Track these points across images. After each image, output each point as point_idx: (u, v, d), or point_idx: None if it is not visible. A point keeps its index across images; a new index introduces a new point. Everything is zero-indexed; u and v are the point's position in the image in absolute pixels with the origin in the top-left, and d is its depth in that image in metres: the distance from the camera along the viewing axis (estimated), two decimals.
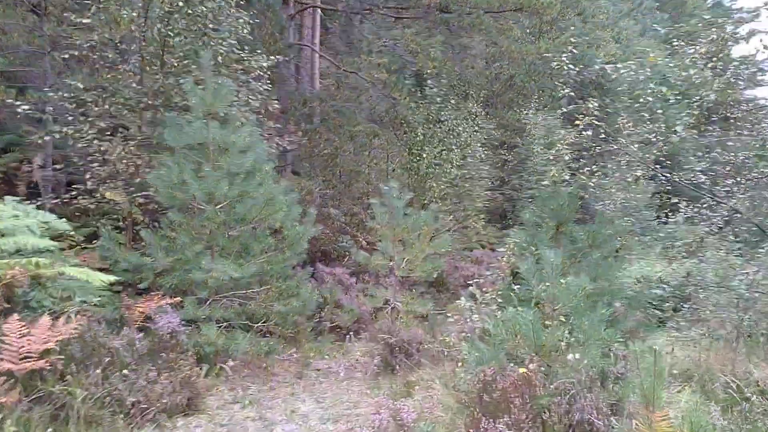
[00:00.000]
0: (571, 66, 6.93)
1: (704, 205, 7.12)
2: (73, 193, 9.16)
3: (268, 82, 10.37)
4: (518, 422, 4.41)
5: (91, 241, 9.26)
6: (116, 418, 5.25)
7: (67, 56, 8.86)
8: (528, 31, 21.91)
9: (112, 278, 5.66)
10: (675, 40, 7.48)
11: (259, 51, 9.84)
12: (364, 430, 4.42)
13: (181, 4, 8.70)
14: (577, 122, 7.16)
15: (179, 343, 6.37)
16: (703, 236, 7.33)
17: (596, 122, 7.00)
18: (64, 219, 6.96)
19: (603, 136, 6.99)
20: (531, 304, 6.17)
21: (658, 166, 7.05)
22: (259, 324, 7.99)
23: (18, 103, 8.47)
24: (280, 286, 8.34)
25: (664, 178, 7.11)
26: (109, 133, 9.36)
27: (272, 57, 9.76)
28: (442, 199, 14.82)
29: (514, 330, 5.25)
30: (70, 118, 8.82)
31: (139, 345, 6.04)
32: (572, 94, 7.01)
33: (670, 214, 15.31)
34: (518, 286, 6.45)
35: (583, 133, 7.17)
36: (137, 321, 6.78)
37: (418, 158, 14.48)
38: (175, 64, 9.00)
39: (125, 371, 5.64)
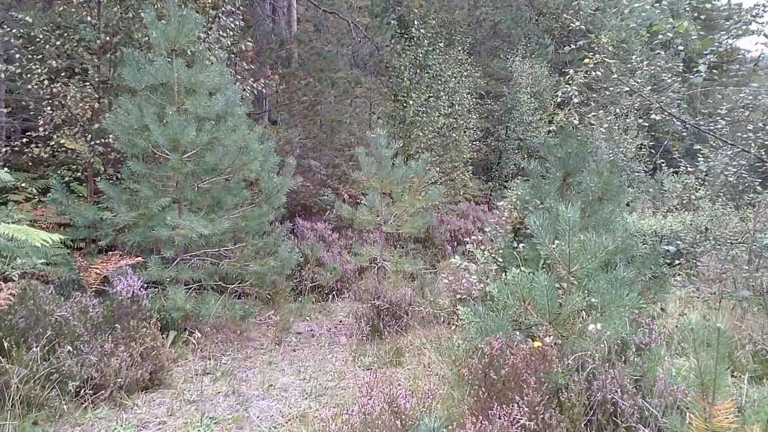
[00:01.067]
0: None
1: (726, 153, 6.41)
2: (25, 140, 8.28)
3: (241, 19, 9.43)
4: (533, 405, 3.77)
5: (46, 195, 8.45)
6: (63, 399, 4.54)
7: None
8: None
9: (56, 237, 4.86)
10: None
11: None
12: (354, 416, 3.77)
13: None
14: (587, 60, 6.39)
15: (141, 309, 5.63)
16: (721, 186, 6.65)
17: (607, 59, 6.23)
18: (6, 169, 6.10)
19: (615, 76, 6.21)
20: (538, 264, 5.52)
21: (675, 110, 6.33)
22: (234, 285, 7.30)
23: None
24: (257, 244, 7.63)
25: (679, 123, 6.39)
26: (64, 74, 8.44)
27: None
28: (428, 150, 14.05)
29: (521, 295, 4.59)
30: (17, 56, 7.88)
31: (93, 312, 5.30)
32: (583, 27, 6.21)
33: (664, 166, 14.68)
34: (522, 244, 5.77)
35: (593, 72, 6.41)
36: (93, 284, 6.02)
37: (404, 105, 13.63)
38: None
39: (76, 344, 4.92)
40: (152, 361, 5.33)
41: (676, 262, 7.07)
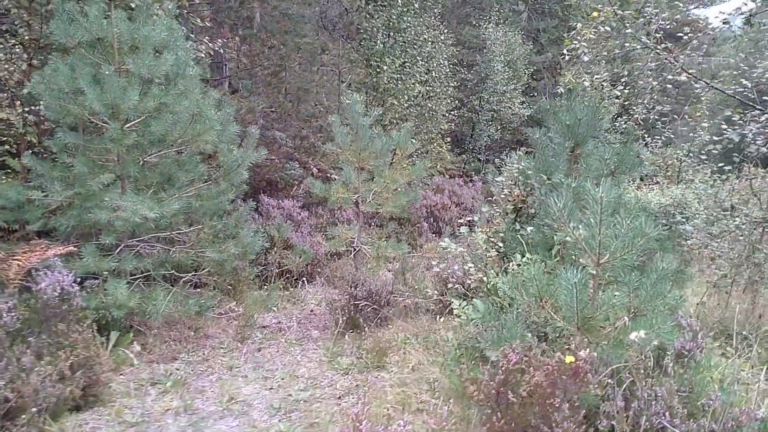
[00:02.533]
0: None
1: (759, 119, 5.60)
2: None
3: None
4: None
5: None
6: None
7: None
8: None
9: None
10: None
11: None
12: None
13: None
14: (594, 13, 5.52)
15: (73, 309, 4.65)
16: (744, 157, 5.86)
17: (619, 12, 5.37)
18: None
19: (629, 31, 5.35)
20: (548, 251, 4.69)
21: (692, 71, 5.51)
22: (188, 275, 6.34)
23: None
24: (215, 226, 6.67)
25: (698, 87, 5.59)
26: None
27: None
28: (402, 120, 13.08)
29: (538, 291, 3.75)
30: None
31: (8, 317, 4.30)
32: None
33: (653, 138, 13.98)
34: (531, 228, 4.90)
35: (601, 28, 5.54)
36: (14, 279, 5.00)
37: (377, 71, 12.59)
38: None
39: None
40: (86, 374, 4.39)
41: (688, 242, 6.32)
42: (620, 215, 3.55)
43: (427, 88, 14.35)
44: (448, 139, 16.82)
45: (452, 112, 17.60)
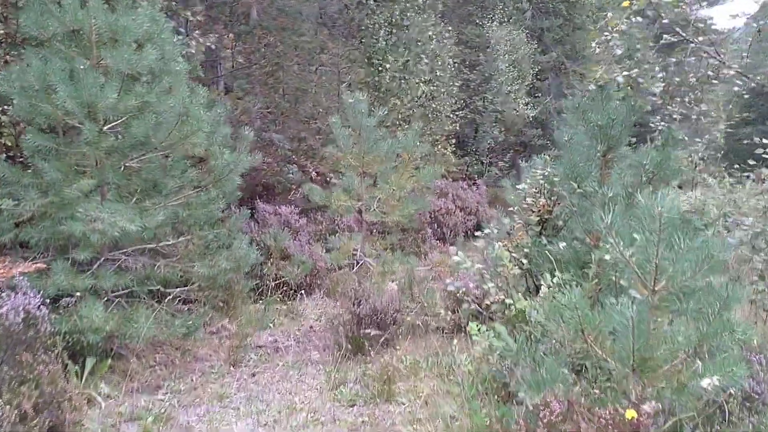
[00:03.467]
0: None
1: None
2: None
3: None
4: None
5: None
6: None
7: None
8: None
9: None
10: None
11: None
12: None
13: None
14: (626, 2, 4.95)
15: (40, 336, 4.08)
16: None
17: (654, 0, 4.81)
18: None
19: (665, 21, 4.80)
20: (579, 269, 4.12)
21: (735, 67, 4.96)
22: (176, 290, 5.76)
23: None
24: (206, 236, 6.07)
25: (740, 83, 5.05)
26: None
27: None
28: (406, 121, 12.50)
29: (579, 323, 3.17)
30: None
31: None
32: None
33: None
34: (563, 244, 4.32)
35: (633, 18, 4.98)
36: None
37: (379, 70, 12.02)
38: None
39: None
40: (52, 412, 3.82)
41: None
42: (678, 233, 2.98)
43: (432, 87, 13.78)
44: (454, 141, 16.25)
45: (457, 113, 17.03)
